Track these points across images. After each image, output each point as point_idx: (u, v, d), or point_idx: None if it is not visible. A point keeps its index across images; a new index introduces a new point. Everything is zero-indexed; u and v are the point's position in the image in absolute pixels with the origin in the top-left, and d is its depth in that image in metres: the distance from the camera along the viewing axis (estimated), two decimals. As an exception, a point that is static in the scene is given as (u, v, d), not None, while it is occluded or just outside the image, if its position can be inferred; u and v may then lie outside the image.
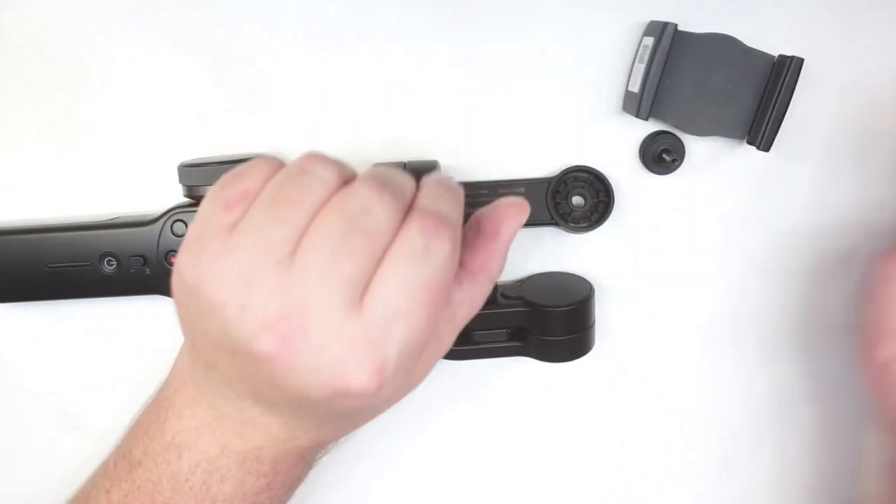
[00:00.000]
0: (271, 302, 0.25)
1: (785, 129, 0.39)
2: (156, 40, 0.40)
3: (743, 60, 0.38)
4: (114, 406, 0.48)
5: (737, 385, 0.47)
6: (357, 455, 0.48)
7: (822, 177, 0.42)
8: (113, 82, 0.41)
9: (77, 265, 0.39)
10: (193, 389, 0.32)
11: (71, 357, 0.46)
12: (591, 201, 0.42)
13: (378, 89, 0.41)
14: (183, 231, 0.39)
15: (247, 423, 0.31)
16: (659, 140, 0.41)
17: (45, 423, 0.48)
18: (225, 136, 0.42)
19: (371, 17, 0.40)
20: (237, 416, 0.31)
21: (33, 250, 0.39)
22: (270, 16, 0.40)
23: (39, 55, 0.40)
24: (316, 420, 0.31)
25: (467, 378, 0.47)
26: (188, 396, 0.32)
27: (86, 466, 0.49)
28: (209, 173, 0.38)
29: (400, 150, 0.42)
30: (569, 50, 0.40)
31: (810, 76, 0.39)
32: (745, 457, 0.49)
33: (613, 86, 0.41)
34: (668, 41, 0.37)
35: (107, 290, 0.40)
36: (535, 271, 0.45)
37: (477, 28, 0.40)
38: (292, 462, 0.33)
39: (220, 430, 0.31)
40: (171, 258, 0.39)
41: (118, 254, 0.39)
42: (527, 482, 0.49)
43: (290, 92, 0.41)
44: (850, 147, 0.42)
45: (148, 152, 0.42)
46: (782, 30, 0.39)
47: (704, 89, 0.39)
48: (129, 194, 0.43)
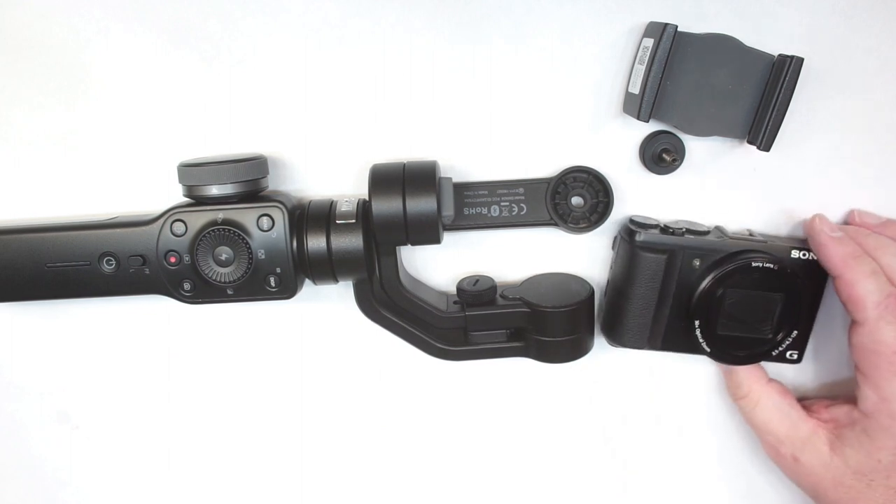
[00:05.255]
0: None
1: (785, 129, 0.39)
2: (156, 40, 0.40)
3: (743, 60, 0.38)
4: (114, 406, 0.48)
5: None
6: (358, 455, 0.48)
7: (822, 177, 0.42)
8: (112, 82, 0.41)
9: (76, 265, 0.39)
10: None
11: (71, 357, 0.46)
12: (591, 201, 0.42)
13: (378, 89, 0.41)
14: (182, 231, 0.39)
15: None
16: (659, 140, 0.41)
17: (45, 423, 0.48)
18: (225, 136, 0.42)
19: (371, 17, 0.40)
20: None
21: (33, 250, 0.39)
22: (270, 16, 0.40)
23: (39, 55, 0.40)
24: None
25: (467, 378, 0.47)
26: None
27: (86, 466, 0.49)
28: (209, 173, 0.38)
29: (400, 150, 0.42)
30: (569, 50, 0.40)
31: (810, 76, 0.39)
32: (746, 457, 0.49)
33: (613, 86, 0.41)
34: (669, 42, 0.37)
35: (106, 290, 0.40)
36: (534, 272, 0.45)
37: (477, 28, 0.40)
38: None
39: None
40: (171, 258, 0.39)
41: (117, 253, 0.39)
42: (526, 482, 0.49)
43: (290, 92, 0.41)
44: (850, 147, 0.42)
45: (148, 152, 0.42)
46: (782, 30, 0.39)
47: (704, 90, 0.39)
48: (129, 194, 0.43)
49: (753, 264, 0.39)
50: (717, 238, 0.40)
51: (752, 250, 0.40)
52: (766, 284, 0.40)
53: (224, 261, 0.39)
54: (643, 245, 0.40)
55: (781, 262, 0.39)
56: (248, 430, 0.48)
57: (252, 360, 0.47)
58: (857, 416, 0.40)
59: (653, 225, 0.41)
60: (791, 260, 0.40)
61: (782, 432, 0.43)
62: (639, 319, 0.42)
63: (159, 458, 0.49)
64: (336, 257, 0.39)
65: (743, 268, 0.39)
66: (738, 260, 0.40)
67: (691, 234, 0.40)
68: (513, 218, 0.42)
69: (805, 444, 0.42)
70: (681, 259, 0.40)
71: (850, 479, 0.40)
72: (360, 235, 0.39)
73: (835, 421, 0.41)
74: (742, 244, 0.40)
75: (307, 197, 0.43)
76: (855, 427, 0.40)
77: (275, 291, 0.39)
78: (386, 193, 0.38)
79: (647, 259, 0.40)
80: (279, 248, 0.39)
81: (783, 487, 0.48)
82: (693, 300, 0.41)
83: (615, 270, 0.43)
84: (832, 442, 0.41)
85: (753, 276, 0.39)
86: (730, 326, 0.41)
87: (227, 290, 0.39)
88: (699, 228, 0.41)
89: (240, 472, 0.49)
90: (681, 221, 0.42)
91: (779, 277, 0.39)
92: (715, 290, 0.40)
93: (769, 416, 0.43)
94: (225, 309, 0.45)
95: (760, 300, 0.40)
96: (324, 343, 0.46)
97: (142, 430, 0.48)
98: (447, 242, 0.43)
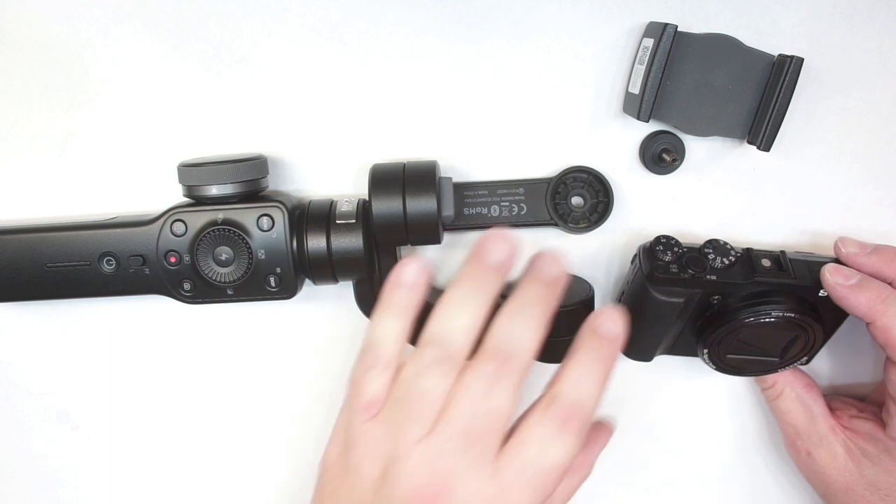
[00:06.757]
0: (422, 470, 0.31)
1: (785, 129, 0.39)
2: (155, 40, 0.40)
3: (743, 60, 0.38)
4: (114, 406, 0.48)
5: (737, 385, 0.47)
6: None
7: (822, 177, 0.42)
8: (112, 82, 0.41)
9: (76, 265, 0.39)
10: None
11: (70, 357, 0.46)
12: (591, 201, 0.42)
13: (378, 89, 0.41)
14: (182, 231, 0.39)
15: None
16: (659, 140, 0.41)
17: (45, 423, 0.48)
18: (225, 136, 0.42)
19: (371, 17, 0.40)
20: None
21: (33, 250, 0.39)
22: (270, 16, 0.40)
23: (39, 55, 0.40)
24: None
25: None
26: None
27: (86, 466, 0.49)
28: (209, 173, 0.38)
29: (400, 150, 0.42)
30: (569, 50, 0.40)
31: (810, 76, 0.39)
32: (746, 458, 0.49)
33: (613, 86, 0.41)
34: (668, 42, 0.37)
35: (106, 290, 0.40)
36: (534, 271, 0.45)
37: (477, 28, 0.40)
38: None
39: None
40: (171, 258, 0.39)
41: (117, 253, 0.39)
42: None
43: (290, 92, 0.41)
44: (850, 147, 0.42)
45: (147, 152, 0.42)
46: (782, 30, 0.39)
47: (704, 90, 0.39)
48: (129, 194, 0.43)
49: (774, 314, 0.37)
50: (740, 276, 0.38)
51: (775, 292, 0.38)
52: (786, 327, 0.38)
53: (224, 261, 0.39)
54: (660, 291, 0.38)
55: (803, 306, 0.38)
56: (248, 430, 0.48)
57: (252, 361, 0.47)
58: (881, 437, 0.40)
59: (675, 254, 0.38)
60: (818, 298, 0.38)
61: (801, 424, 0.42)
62: (649, 342, 0.41)
63: (159, 458, 0.49)
64: (336, 257, 0.39)
65: (762, 313, 0.38)
66: (759, 306, 0.38)
67: (714, 272, 0.38)
68: (513, 218, 0.42)
69: (822, 440, 0.41)
70: (699, 297, 0.39)
71: (862, 488, 0.40)
72: (360, 235, 0.39)
73: (856, 432, 0.41)
74: (766, 282, 0.38)
75: (307, 197, 0.43)
76: (878, 445, 0.40)
77: (275, 291, 0.39)
78: (386, 193, 0.38)
79: (663, 303, 0.39)
80: (279, 248, 0.39)
81: (791, 488, 0.48)
82: (706, 332, 0.39)
83: (629, 292, 0.41)
84: (849, 448, 0.41)
85: (773, 322, 0.38)
86: (739, 352, 0.40)
87: (227, 290, 0.39)
88: (726, 257, 0.38)
89: (240, 471, 0.49)
90: (710, 243, 0.39)
91: (800, 321, 0.38)
92: (731, 330, 0.39)
93: (790, 406, 0.43)
94: (225, 309, 0.45)
95: (777, 335, 0.39)
96: (324, 343, 0.46)
97: (142, 430, 0.48)
98: (447, 242, 0.43)
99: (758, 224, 0.43)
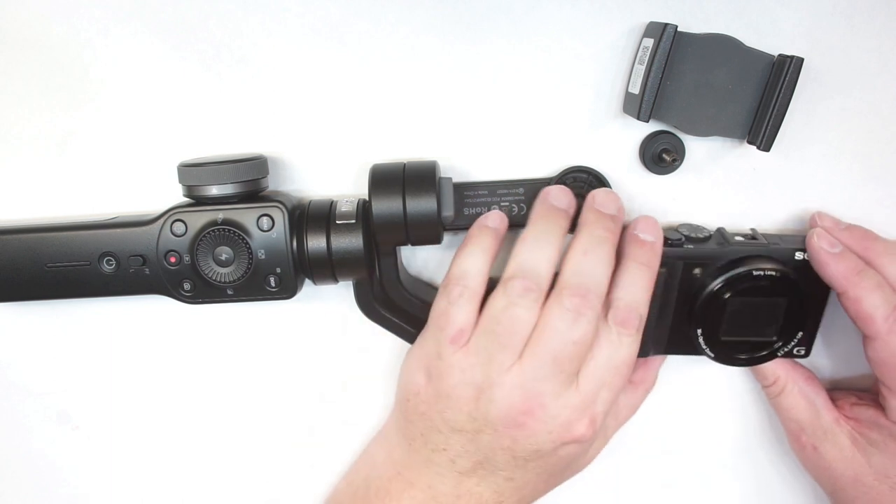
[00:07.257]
0: (515, 393, 0.36)
1: (785, 129, 0.39)
2: (155, 40, 0.40)
3: (743, 60, 0.38)
4: (114, 406, 0.48)
5: (737, 385, 0.47)
6: (358, 454, 0.48)
7: (822, 177, 0.42)
8: (112, 82, 0.41)
9: (76, 265, 0.39)
10: (409, 474, 0.40)
11: (70, 357, 0.46)
12: (591, 201, 0.42)
13: (378, 89, 0.41)
14: (182, 231, 0.39)
15: (462, 495, 0.39)
16: (659, 140, 0.41)
17: (45, 423, 0.48)
18: (225, 136, 0.42)
19: (371, 17, 0.40)
20: (452, 490, 0.39)
21: (32, 250, 0.39)
22: (270, 16, 0.40)
23: (39, 55, 0.40)
24: (531, 475, 0.38)
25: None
26: (404, 482, 0.40)
27: (86, 466, 0.49)
28: (209, 173, 0.38)
29: (400, 150, 0.42)
30: (569, 50, 0.40)
31: (810, 76, 0.39)
32: (746, 458, 0.49)
33: (613, 86, 0.41)
34: (668, 42, 0.37)
35: (106, 290, 0.40)
36: (534, 271, 0.45)
37: (477, 28, 0.40)
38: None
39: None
40: (171, 258, 0.39)
41: (117, 253, 0.39)
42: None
43: (290, 92, 0.41)
44: (850, 147, 0.42)
45: (147, 152, 0.42)
46: (782, 30, 0.39)
47: (704, 90, 0.39)
48: (129, 194, 0.43)
49: (755, 273, 0.39)
50: (717, 245, 0.40)
51: (753, 256, 0.39)
52: (768, 290, 0.39)
53: (224, 261, 0.39)
54: None
55: (784, 268, 0.39)
56: (248, 430, 0.48)
57: (252, 361, 0.47)
58: (884, 423, 0.40)
59: None
60: (795, 262, 0.40)
61: (805, 419, 0.42)
62: None
63: (159, 458, 0.49)
64: (336, 257, 0.39)
65: (744, 276, 0.39)
66: (738, 268, 0.39)
67: (690, 241, 0.40)
68: (513, 218, 0.42)
69: (826, 434, 0.41)
70: (681, 269, 0.40)
71: (871, 478, 0.39)
72: (360, 235, 0.39)
73: (859, 420, 0.41)
74: (743, 250, 0.40)
75: (307, 197, 0.43)
76: (882, 431, 0.40)
77: (275, 291, 0.39)
78: (386, 193, 0.38)
79: None
80: (279, 249, 0.39)
81: (796, 486, 0.48)
82: (695, 309, 0.40)
83: None
84: (855, 438, 0.41)
85: (755, 284, 0.39)
86: (733, 332, 0.40)
87: (227, 290, 0.39)
88: (699, 234, 0.40)
89: (240, 471, 0.49)
90: (682, 226, 0.42)
91: (782, 283, 0.39)
92: (716, 299, 0.40)
93: (793, 401, 0.43)
94: (225, 309, 0.45)
95: (764, 306, 0.40)
96: (324, 343, 0.46)
97: (142, 430, 0.48)
98: (447, 242, 0.43)
99: (758, 224, 0.43)
